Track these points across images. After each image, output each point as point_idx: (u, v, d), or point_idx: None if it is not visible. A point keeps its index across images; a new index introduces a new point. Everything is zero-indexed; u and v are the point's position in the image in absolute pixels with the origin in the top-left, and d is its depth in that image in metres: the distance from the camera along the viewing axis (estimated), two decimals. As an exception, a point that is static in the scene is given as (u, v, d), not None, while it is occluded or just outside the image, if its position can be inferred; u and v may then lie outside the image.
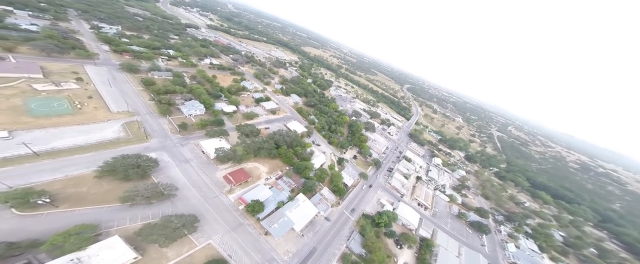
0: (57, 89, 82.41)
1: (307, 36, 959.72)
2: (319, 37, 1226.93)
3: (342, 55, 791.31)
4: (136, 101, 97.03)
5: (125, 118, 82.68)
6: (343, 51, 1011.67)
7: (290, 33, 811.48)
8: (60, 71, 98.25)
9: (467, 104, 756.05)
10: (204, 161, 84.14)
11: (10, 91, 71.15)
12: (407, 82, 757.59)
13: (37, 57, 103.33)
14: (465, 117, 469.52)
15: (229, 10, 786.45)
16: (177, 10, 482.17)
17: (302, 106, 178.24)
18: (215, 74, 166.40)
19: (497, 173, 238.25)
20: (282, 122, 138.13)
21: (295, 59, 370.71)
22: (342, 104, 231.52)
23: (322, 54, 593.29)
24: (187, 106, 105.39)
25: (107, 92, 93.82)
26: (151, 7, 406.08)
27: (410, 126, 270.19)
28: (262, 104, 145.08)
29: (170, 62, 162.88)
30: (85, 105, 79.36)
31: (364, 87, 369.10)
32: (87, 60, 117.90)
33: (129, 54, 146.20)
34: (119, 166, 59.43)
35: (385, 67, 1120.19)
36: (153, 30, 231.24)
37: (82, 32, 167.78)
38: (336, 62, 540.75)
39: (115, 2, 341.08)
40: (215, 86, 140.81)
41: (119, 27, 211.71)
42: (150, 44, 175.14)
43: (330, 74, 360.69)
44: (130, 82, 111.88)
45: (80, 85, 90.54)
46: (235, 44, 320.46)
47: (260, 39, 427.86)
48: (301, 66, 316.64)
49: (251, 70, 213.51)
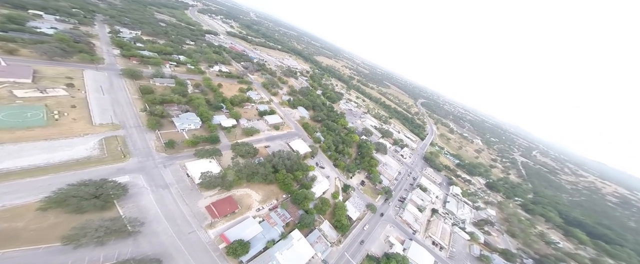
0: (40, 96, 75.94)
1: (320, 45, 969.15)
2: (332, 46, 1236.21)
3: (354, 66, 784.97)
4: (126, 111, 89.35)
5: (107, 132, 74.21)
6: (356, 62, 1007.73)
7: (305, 42, 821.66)
8: (55, 75, 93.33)
9: (486, 124, 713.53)
10: (187, 186, 73.18)
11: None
12: (421, 97, 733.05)
13: (36, 61, 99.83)
14: (484, 139, 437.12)
15: (250, 18, 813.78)
16: (202, 18, 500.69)
17: (309, 120, 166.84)
18: (221, 82, 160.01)
19: (523, 205, 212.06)
20: (284, 140, 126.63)
21: (307, 68, 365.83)
22: (352, 119, 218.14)
23: (335, 64, 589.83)
24: (181, 118, 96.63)
25: (97, 100, 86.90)
26: (179, 14, 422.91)
27: (425, 147, 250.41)
28: (265, 117, 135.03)
29: (178, 68, 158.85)
30: (65, 115, 71.81)
31: (376, 100, 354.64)
32: (89, 65, 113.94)
33: (137, 59, 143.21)
34: (73, 195, 49.25)
35: (399, 79, 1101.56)
36: (171, 35, 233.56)
37: (99, 36, 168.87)
38: (348, 73, 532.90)
39: (147, 9, 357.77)
40: (218, 96, 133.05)
41: (138, 32, 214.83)
42: (162, 49, 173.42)
43: (341, 86, 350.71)
44: (127, 89, 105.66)
45: (69, 92, 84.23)
46: (249, 51, 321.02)
47: (275, 47, 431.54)
48: (312, 75, 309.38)
49: (260, 79, 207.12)
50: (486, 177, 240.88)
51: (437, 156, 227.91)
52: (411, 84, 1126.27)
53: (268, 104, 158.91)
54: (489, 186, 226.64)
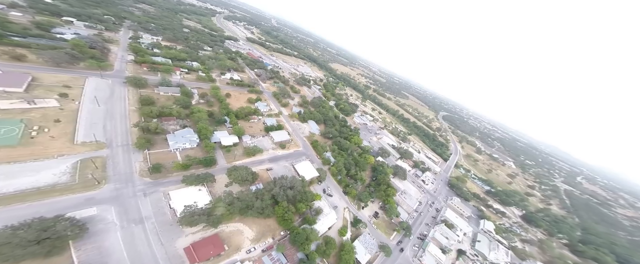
0: (26, 107, 70.55)
1: (336, 52, 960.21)
2: (348, 54, 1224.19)
3: (370, 74, 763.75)
4: (118, 126, 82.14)
5: (88, 152, 66.17)
6: (372, 70, 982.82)
7: (321, 49, 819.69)
8: (53, 83, 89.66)
9: (517, 143, 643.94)
10: (167, 220, 62.05)
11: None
12: (442, 109, 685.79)
13: (41, 67, 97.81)
14: (518, 161, 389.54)
15: (271, 25, 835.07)
16: (227, 24, 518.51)
17: (319, 136, 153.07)
18: (230, 91, 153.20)
19: (570, 245, 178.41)
20: (290, 161, 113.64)
21: (321, 76, 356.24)
22: (367, 136, 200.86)
23: (350, 71, 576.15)
24: (176, 136, 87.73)
25: (89, 112, 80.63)
26: (205, 21, 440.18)
27: (450, 170, 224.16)
28: (271, 134, 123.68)
29: (188, 75, 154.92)
30: (46, 131, 65.01)
31: (394, 113, 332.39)
32: (95, 72, 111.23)
33: (148, 66, 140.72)
34: (4, 241, 39.33)
35: (417, 89, 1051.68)
36: (190, 41, 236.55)
37: (120, 42, 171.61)
38: (364, 82, 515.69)
39: (177, 16, 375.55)
40: (223, 108, 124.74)
41: (159, 38, 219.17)
42: (176, 55, 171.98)
43: (356, 96, 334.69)
44: (127, 99, 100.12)
45: (61, 103, 78.87)
46: (266, 58, 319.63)
47: (291, 53, 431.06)
48: (325, 84, 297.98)
49: (272, 87, 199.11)
50: (523, 208, 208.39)
51: (463, 181, 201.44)
52: (431, 94, 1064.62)
53: (277, 116, 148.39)
54: (526, 219, 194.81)
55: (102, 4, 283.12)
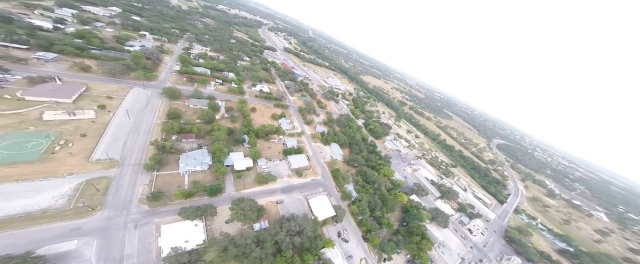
0: (66, 119, 75.15)
1: (369, 64, 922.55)
2: (382, 65, 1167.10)
3: (406, 88, 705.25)
4: (139, 141, 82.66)
5: (97, 172, 65.60)
6: (408, 83, 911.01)
7: (353, 60, 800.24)
8: (101, 93, 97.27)
9: (611, 187, 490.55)
10: (151, 261, 55.46)
11: (5, 121, 64.85)
12: (496, 135, 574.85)
13: (99, 78, 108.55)
14: (614, 212, 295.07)
15: (308, 36, 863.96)
16: (269, 35, 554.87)
17: (342, 164, 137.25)
18: (257, 105, 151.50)
19: None
20: (305, 193, 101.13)
21: (351, 89, 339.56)
22: (400, 166, 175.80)
23: (383, 85, 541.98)
24: (188, 157, 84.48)
25: (118, 126, 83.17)
26: (252, 32, 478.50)
27: (507, 216, 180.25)
28: (289, 158, 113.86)
29: (221, 86, 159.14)
30: (70, 146, 66.91)
31: (434, 137, 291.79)
32: (141, 82, 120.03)
33: (188, 76, 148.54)
34: None
35: (463, 107, 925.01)
36: (232, 51, 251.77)
37: (174, 52, 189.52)
38: (399, 97, 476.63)
39: (229, 28, 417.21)
40: (246, 124, 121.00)
41: (207, 49, 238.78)
42: (216, 66, 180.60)
43: (389, 114, 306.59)
44: (157, 112, 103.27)
45: (97, 114, 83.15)
46: (298, 68, 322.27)
47: (323, 64, 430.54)
48: (355, 99, 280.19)
49: (299, 101, 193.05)
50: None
51: (527, 233, 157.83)
52: (480, 115, 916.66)
53: (298, 136, 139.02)
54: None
55: (176, 19, 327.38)
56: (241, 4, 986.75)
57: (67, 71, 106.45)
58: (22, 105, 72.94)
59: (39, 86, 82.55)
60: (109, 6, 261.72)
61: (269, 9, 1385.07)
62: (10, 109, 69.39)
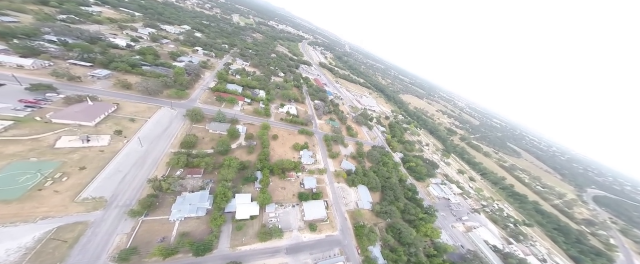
0: (79, 147, 73.17)
1: (409, 81, 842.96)
2: (424, 82, 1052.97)
3: (456, 111, 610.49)
4: (139, 176, 76.13)
5: (78, 215, 58.58)
6: (458, 105, 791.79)
7: (392, 76, 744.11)
8: (127, 114, 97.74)
9: None
10: None
11: (17, 148, 64.11)
12: (592, 183, 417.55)
13: (133, 96, 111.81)
14: None
15: (344, 50, 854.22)
16: (308, 49, 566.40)
17: (369, 214, 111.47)
18: (280, 131, 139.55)
19: None
20: (315, 256, 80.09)
21: (388, 111, 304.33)
22: (448, 221, 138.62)
23: (427, 106, 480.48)
24: (185, 200, 73.77)
25: (125, 156, 78.80)
26: (292, 46, 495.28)
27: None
28: (304, 205, 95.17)
29: (248, 106, 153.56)
30: (63, 181, 62.46)
31: (496, 180, 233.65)
32: (170, 101, 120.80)
33: (217, 94, 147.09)
34: None
35: (534, 140, 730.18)
36: (269, 66, 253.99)
37: (216, 67, 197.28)
38: (446, 123, 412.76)
39: (273, 42, 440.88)
40: (262, 157, 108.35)
41: (247, 64, 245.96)
42: (248, 83, 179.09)
43: (434, 146, 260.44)
44: (173, 138, 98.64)
45: (110, 141, 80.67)
46: (330, 85, 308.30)
47: (357, 81, 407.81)
48: (392, 125, 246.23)
49: (326, 126, 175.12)
50: None
51: None
52: (563, 153, 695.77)
53: (320, 174, 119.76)
54: None
55: (231, 35, 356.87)
56: (288, 19, 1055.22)
57: (110, 88, 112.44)
58: (45, 128, 73.46)
59: (70, 107, 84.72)
60: (183, 24, 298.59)
61: (311, 24, 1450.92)
62: (31, 133, 69.79)
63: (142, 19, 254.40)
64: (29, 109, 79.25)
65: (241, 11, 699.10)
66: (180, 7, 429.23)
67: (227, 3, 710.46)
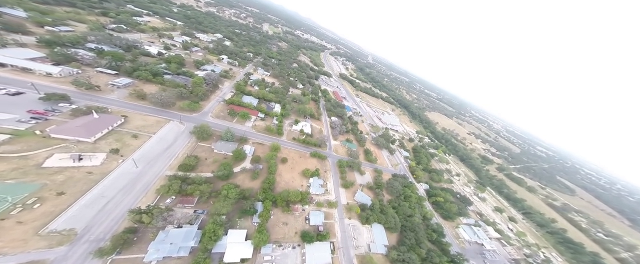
0: (70, 166, 68.09)
1: (437, 96, 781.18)
2: (453, 98, 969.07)
3: (491, 135, 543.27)
4: (124, 204, 68.28)
5: (36, 252, 50.56)
6: (493, 127, 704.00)
7: (417, 91, 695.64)
8: (132, 128, 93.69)
9: None
10: None
11: (2, 167, 59.65)
12: None
13: (146, 107, 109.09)
14: None
15: (367, 61, 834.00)
16: (329, 59, 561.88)
17: (383, 261, 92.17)
18: (290, 153, 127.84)
19: None
20: None
21: (412, 132, 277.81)
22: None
23: (457, 128, 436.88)
24: (167, 237, 63.57)
25: (114, 179, 72.22)
26: (314, 56, 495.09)
27: None
28: (306, 249, 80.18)
29: (260, 122, 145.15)
30: (35, 208, 56.04)
31: (543, 223, 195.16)
32: (184, 114, 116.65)
33: (231, 107, 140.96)
34: None
35: (591, 174, 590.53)
36: (289, 77, 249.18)
37: (236, 77, 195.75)
38: (481, 148, 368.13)
39: (296, 51, 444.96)
40: (268, 184, 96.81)
41: (267, 74, 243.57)
42: (264, 96, 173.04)
43: (466, 176, 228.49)
44: (174, 158, 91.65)
45: (104, 160, 75.00)
46: (349, 99, 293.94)
47: (379, 95, 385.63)
48: (417, 149, 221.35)
49: (342, 148, 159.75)
50: None
51: None
52: (631, 192, 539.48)
53: (329, 207, 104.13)
54: None
55: (259, 43, 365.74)
56: (313, 29, 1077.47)
57: (125, 98, 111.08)
58: (41, 144, 69.75)
59: (73, 120, 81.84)
60: (217, 33, 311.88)
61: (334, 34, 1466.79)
62: (22, 150, 66.05)
63: (181, 28, 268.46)
64: (33, 121, 76.99)
65: (271, 20, 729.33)
66: (219, 16, 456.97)
67: (260, 13, 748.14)
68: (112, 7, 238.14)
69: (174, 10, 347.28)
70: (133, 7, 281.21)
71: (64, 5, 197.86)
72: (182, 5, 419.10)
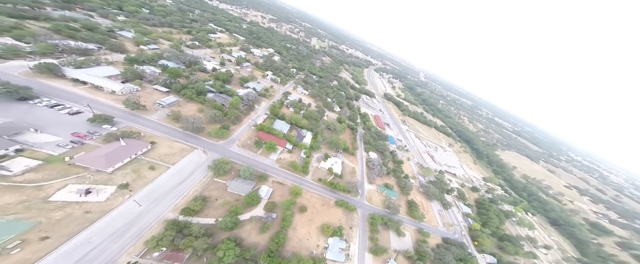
0: (75, 201, 65.63)
1: (512, 128, 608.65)
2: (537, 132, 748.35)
3: (607, 191, 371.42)
4: (108, 252, 60.50)
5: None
6: (609, 179, 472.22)
7: (484, 118, 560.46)
8: (154, 158, 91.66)
9: None
10: None
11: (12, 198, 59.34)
12: None
13: (175, 131, 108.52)
14: None
15: (418, 79, 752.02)
16: (373, 76, 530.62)
17: None
18: (311, 199, 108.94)
19: None
20: None
21: (477, 178, 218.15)
22: None
23: (547, 176, 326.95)
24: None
25: (111, 220, 66.81)
26: (357, 72, 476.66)
27: None
28: None
29: (287, 155, 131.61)
30: (12, 254, 51.32)
31: None
32: (209, 140, 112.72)
33: (258, 136, 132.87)
34: None
35: None
36: (327, 98, 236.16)
37: (273, 97, 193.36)
38: (588, 210, 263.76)
39: (339, 66, 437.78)
40: (277, 242, 79.65)
41: (306, 93, 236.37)
42: (297, 122, 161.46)
43: (559, 249, 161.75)
44: (182, 196, 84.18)
45: (110, 196, 71.19)
46: (394, 125, 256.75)
47: (432, 123, 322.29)
48: (482, 203, 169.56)
49: (378, 196, 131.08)
50: None
51: None
52: None
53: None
54: None
55: (305, 57, 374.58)
56: (359, 44, 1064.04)
57: (163, 119, 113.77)
58: (62, 173, 70.13)
59: (99, 147, 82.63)
60: (270, 48, 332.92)
61: (381, 49, 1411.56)
62: (41, 179, 66.66)
63: (241, 43, 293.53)
64: (70, 146, 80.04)
65: (320, 35, 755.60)
66: (277, 31, 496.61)
67: (311, 28, 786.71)
68: (196, 26, 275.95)
69: (243, 27, 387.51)
70: (213, 25, 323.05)
71: (165, 27, 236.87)
72: (251, 22, 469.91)
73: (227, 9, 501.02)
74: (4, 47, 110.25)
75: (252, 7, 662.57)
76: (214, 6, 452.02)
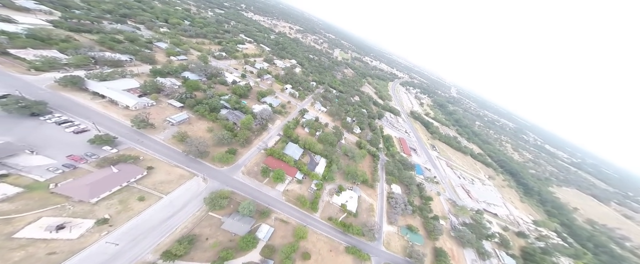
0: (44, 238, 57.04)
1: (569, 160, 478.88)
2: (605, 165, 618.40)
3: None
4: None
5: None
6: None
7: (532, 145, 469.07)
8: (148, 185, 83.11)
9: None
10: None
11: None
12: None
13: (177, 155, 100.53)
14: None
15: (449, 95, 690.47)
16: (399, 91, 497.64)
17: None
18: (317, 243, 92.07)
19: None
20: None
21: (525, 220, 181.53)
22: None
23: (622, 222, 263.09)
24: None
25: (77, 263, 55.96)
26: (381, 86, 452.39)
27: None
28: None
29: (295, 186, 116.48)
30: None
31: None
32: (212, 166, 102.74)
33: (269, 161, 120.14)
34: None
35: None
36: (346, 117, 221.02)
37: (289, 114, 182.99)
38: None
39: (361, 80, 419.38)
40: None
41: (324, 110, 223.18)
42: (311, 147, 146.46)
43: None
44: (168, 234, 72.87)
45: (85, 233, 61.91)
46: (421, 151, 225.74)
47: (467, 150, 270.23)
48: (531, 253, 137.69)
49: (399, 241, 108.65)
50: None
51: None
52: None
53: None
54: None
55: (327, 69, 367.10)
56: (384, 56, 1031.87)
57: (168, 140, 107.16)
58: (38, 204, 63.22)
59: (84, 176, 75.07)
60: (292, 59, 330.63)
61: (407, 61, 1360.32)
62: (14, 210, 60.11)
63: (266, 54, 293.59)
64: (60, 171, 73.98)
65: (343, 46, 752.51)
66: (302, 42, 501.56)
67: (335, 39, 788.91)
68: (227, 37, 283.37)
69: (271, 38, 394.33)
70: (243, 35, 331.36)
71: (199, 37, 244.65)
72: (279, 32, 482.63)
73: (260, 20, 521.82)
74: (43, 60, 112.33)
75: (281, 19, 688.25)
76: (248, 18, 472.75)
